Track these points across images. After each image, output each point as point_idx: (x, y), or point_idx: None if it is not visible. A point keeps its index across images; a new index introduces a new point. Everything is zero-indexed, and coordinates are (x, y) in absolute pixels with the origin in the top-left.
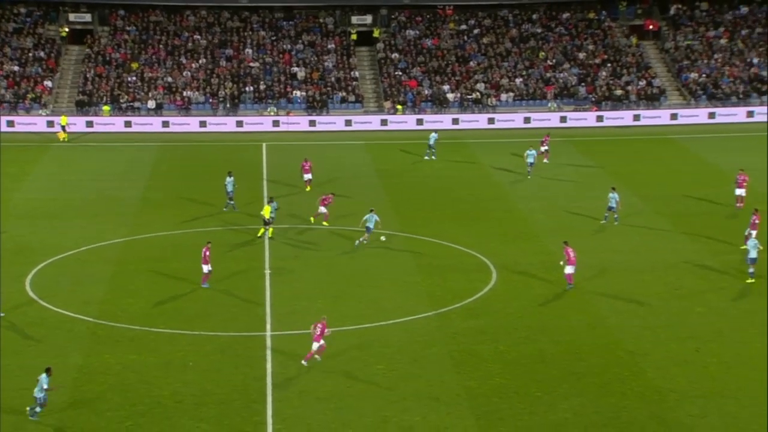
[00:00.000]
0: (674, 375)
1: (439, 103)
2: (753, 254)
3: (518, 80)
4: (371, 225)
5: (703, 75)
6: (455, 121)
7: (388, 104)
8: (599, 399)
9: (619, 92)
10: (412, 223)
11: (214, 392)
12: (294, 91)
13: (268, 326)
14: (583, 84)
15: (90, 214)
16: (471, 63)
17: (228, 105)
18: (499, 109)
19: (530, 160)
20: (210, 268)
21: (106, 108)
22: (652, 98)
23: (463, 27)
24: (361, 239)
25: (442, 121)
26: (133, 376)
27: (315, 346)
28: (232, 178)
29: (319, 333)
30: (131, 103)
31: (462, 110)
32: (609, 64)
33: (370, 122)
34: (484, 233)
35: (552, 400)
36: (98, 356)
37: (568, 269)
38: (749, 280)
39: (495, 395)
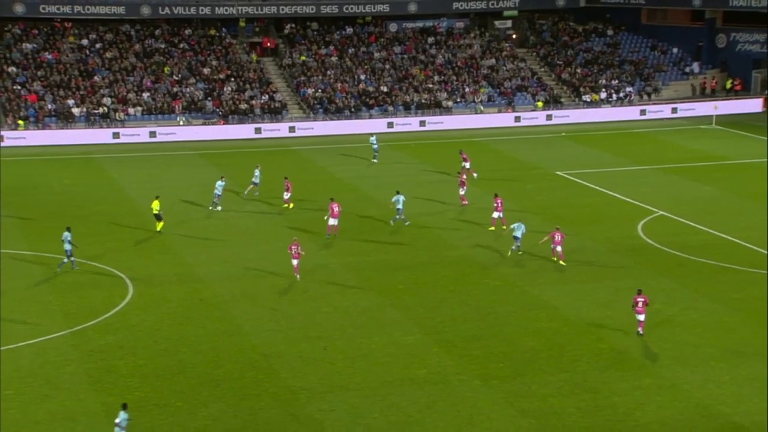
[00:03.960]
0: (305, 373)
1: (65, 118)
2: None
3: (145, 95)
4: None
5: (319, 90)
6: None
7: (9, 119)
8: (237, 403)
9: (243, 106)
10: (41, 241)
11: None
12: None
13: None
14: (209, 98)
15: None
16: (95, 77)
17: None
18: (127, 123)
19: (218, 191)
20: None
21: None
22: (275, 111)
23: (84, 41)
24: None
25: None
26: None
27: (295, 262)
28: None
29: (296, 253)
30: None
31: (89, 125)
32: (233, 79)
33: None
34: (119, 248)
35: (192, 409)
36: None
37: (331, 221)
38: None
39: (134, 409)
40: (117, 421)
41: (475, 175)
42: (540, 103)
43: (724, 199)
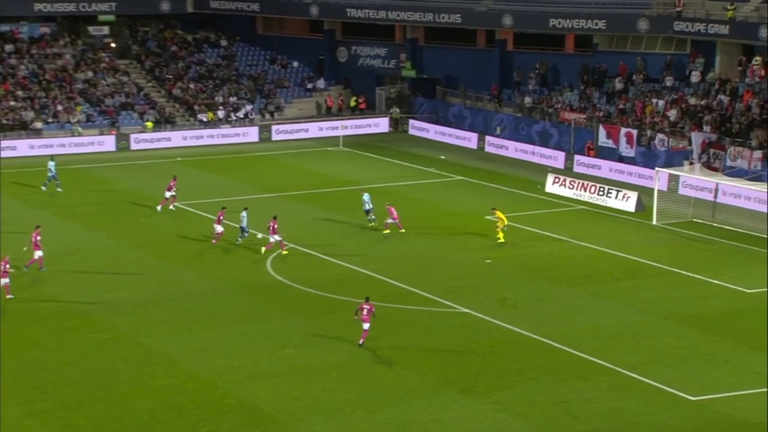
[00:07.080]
0: None
1: None
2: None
3: None
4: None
5: None
6: None
7: None
8: None
9: None
10: None
11: None
12: None
13: None
14: None
15: None
16: None
17: None
18: None
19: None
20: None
21: None
22: None
23: None
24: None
25: None
26: None
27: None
28: None
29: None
30: None
31: None
32: None
33: None
34: None
35: None
36: None
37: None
38: None
39: None
40: None
41: (172, 207)
42: (150, 124)
43: (363, 228)
